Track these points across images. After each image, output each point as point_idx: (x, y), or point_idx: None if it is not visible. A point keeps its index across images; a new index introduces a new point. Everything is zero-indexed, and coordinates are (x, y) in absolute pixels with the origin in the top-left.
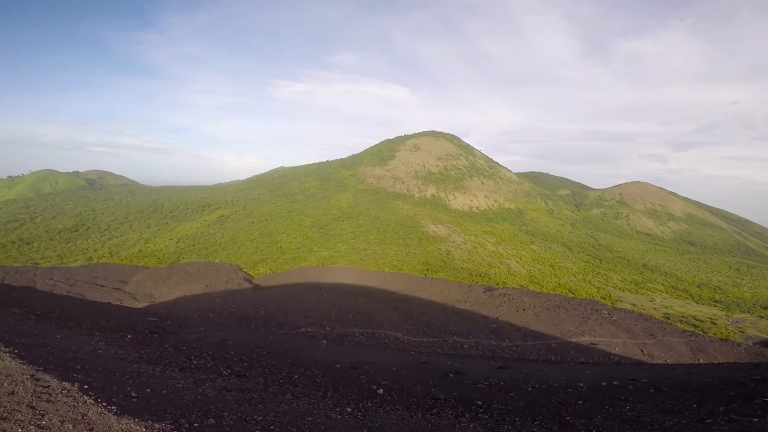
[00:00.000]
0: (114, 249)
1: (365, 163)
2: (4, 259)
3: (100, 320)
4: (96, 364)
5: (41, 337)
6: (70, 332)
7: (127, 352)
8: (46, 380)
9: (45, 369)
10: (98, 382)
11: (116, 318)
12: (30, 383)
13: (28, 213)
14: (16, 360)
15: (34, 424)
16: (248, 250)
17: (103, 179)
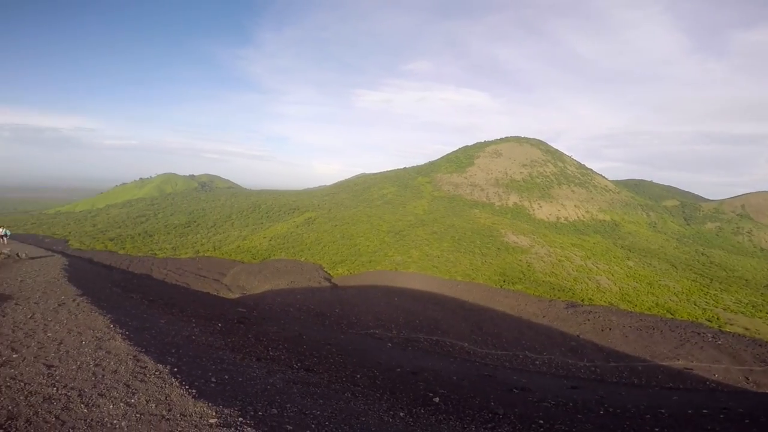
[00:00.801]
0: (217, 244)
1: (442, 170)
2: (131, 248)
3: (199, 308)
4: (188, 348)
5: (149, 321)
6: (173, 318)
7: (215, 339)
8: (144, 362)
9: (146, 351)
10: (186, 366)
11: (212, 307)
12: (131, 363)
13: (153, 210)
14: (125, 341)
15: (124, 402)
16: (330, 251)
17: (213, 182)
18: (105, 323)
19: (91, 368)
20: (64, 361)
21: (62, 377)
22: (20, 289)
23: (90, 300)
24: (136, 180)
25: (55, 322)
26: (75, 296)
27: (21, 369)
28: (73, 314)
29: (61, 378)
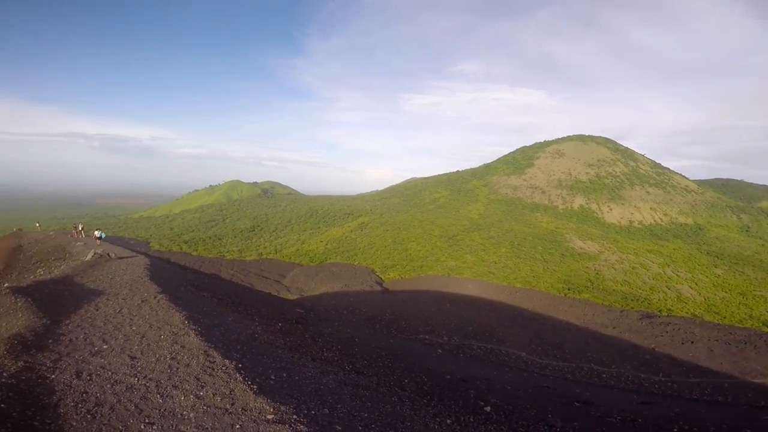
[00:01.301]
0: (278, 247)
1: (498, 173)
2: (203, 250)
3: (261, 308)
4: (251, 346)
5: (218, 319)
6: (239, 316)
7: (275, 338)
8: (213, 357)
9: (215, 347)
10: (250, 362)
11: (273, 307)
12: (202, 358)
13: (221, 215)
14: (197, 337)
15: (194, 394)
16: (382, 256)
17: (274, 189)
18: (180, 319)
19: (167, 361)
20: (145, 353)
21: (143, 368)
22: (110, 285)
23: (168, 297)
24: (206, 187)
25: (139, 317)
26: (155, 294)
27: (109, 359)
28: (153, 310)
29: (142, 369)
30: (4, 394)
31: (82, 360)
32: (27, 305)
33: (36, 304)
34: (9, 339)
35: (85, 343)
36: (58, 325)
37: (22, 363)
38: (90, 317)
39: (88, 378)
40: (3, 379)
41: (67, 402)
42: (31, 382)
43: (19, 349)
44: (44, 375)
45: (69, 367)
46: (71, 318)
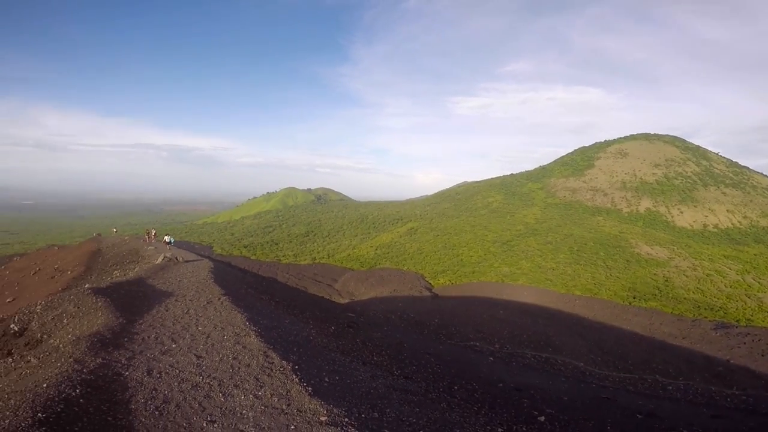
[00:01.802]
0: (331, 252)
1: (555, 175)
2: (261, 254)
3: (315, 311)
4: (307, 348)
5: (276, 321)
6: (295, 319)
7: (329, 341)
8: (272, 358)
9: (274, 348)
10: (305, 364)
11: (326, 310)
12: (261, 358)
13: (278, 221)
14: (257, 338)
15: (253, 394)
16: (431, 261)
17: (327, 195)
18: (242, 321)
19: (230, 361)
20: (209, 353)
21: (207, 367)
22: (179, 287)
23: (231, 299)
24: (264, 194)
25: (204, 317)
26: (219, 295)
27: (177, 358)
28: (218, 311)
29: (206, 368)
30: (83, 389)
31: (153, 358)
32: (106, 305)
33: (113, 304)
34: (89, 337)
35: (156, 342)
36: (132, 324)
37: (100, 360)
38: (161, 317)
39: (158, 376)
40: (83, 375)
41: (138, 398)
42: (108, 378)
43: (98, 346)
44: (119, 372)
45: (141, 364)
46: (144, 318)
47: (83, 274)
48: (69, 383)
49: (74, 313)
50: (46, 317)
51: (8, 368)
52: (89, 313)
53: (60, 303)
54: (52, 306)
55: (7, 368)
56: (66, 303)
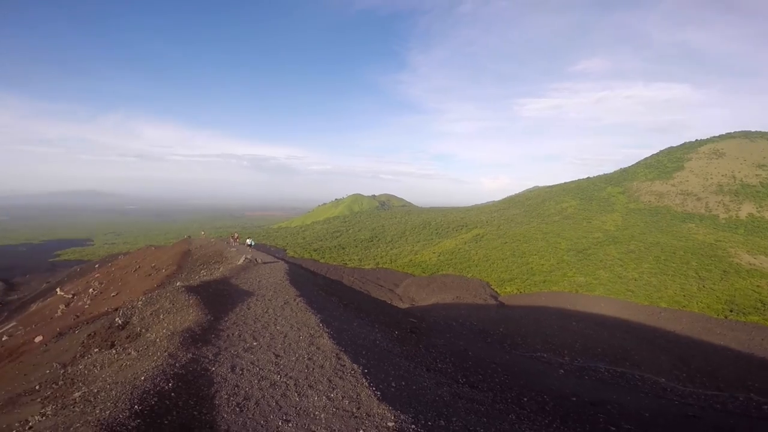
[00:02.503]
0: (393, 257)
1: (639, 178)
2: (329, 258)
3: (380, 315)
4: (374, 352)
5: (346, 323)
6: (362, 322)
7: (393, 346)
8: (344, 360)
9: (345, 351)
10: (374, 368)
11: (389, 315)
12: (334, 360)
13: (345, 227)
14: (330, 340)
15: (326, 395)
16: (498, 268)
17: (390, 201)
18: (316, 322)
19: (305, 361)
20: (287, 352)
21: (284, 366)
22: (258, 287)
23: (305, 301)
24: (332, 200)
25: (282, 317)
26: (295, 296)
27: (258, 356)
28: (294, 312)
29: (283, 367)
30: (175, 383)
31: (237, 355)
32: (196, 302)
33: (203, 301)
34: (182, 332)
35: (239, 339)
36: (218, 321)
37: (190, 355)
38: (243, 315)
39: (240, 372)
40: (175, 369)
41: (222, 394)
42: (196, 373)
43: (189, 341)
44: (206, 367)
45: (226, 360)
46: (228, 315)
47: (175, 273)
48: (163, 377)
49: (169, 309)
50: (145, 312)
51: (111, 359)
52: (182, 309)
53: (157, 299)
54: (150, 302)
55: (110, 359)
56: (163, 299)
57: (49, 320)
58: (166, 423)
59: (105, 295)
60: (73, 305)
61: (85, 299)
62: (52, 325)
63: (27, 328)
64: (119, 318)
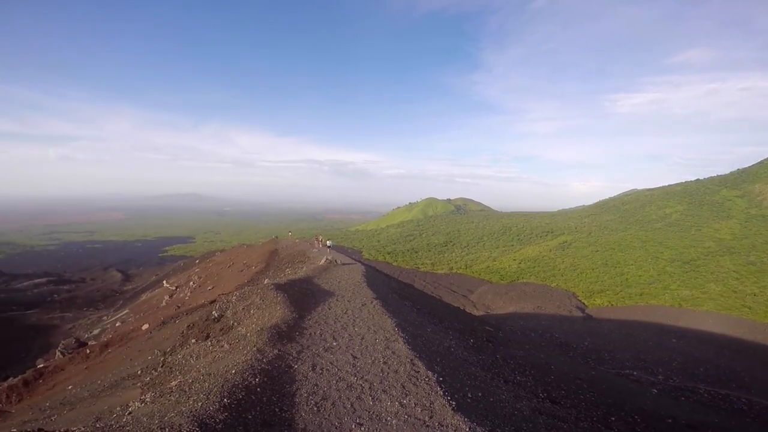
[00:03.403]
0: (469, 263)
1: (762, 179)
2: (401, 261)
3: (454, 322)
4: (449, 360)
5: (420, 328)
6: (436, 328)
7: (468, 355)
8: (418, 367)
9: (420, 357)
10: (449, 377)
11: (464, 322)
12: (408, 366)
13: (418, 230)
14: (405, 345)
15: (399, 401)
16: (587, 279)
17: (466, 205)
18: (392, 326)
19: (380, 365)
20: (363, 354)
21: (361, 369)
22: (338, 287)
23: (381, 304)
24: (406, 204)
25: (360, 319)
26: (372, 299)
27: (337, 356)
28: (371, 314)
29: (360, 369)
30: (261, 379)
31: (317, 354)
32: (283, 300)
33: (289, 299)
34: (270, 328)
35: (320, 339)
36: (302, 319)
37: (276, 351)
38: (324, 315)
39: (320, 372)
40: (262, 365)
41: (302, 392)
42: (280, 369)
43: (276, 338)
44: (290, 364)
45: (307, 359)
46: (311, 314)
47: (263, 270)
48: (251, 371)
49: (259, 305)
50: (238, 307)
51: (206, 350)
52: (270, 306)
53: (249, 295)
54: (243, 297)
55: (205, 350)
56: (254, 296)
57: (155, 310)
58: (250, 418)
59: (203, 288)
60: (175, 296)
61: (186, 291)
62: (157, 315)
63: (137, 316)
64: (215, 311)
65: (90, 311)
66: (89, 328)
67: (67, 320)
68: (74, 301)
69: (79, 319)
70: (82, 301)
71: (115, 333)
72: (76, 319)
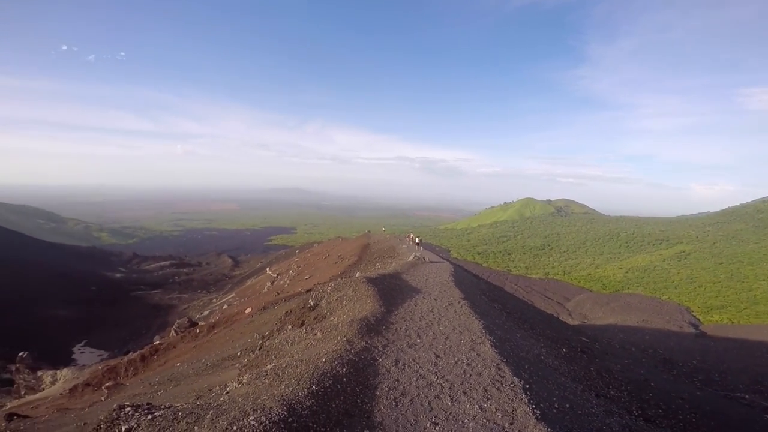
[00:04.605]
0: (567, 269)
1: None
2: (492, 263)
3: (546, 329)
4: (537, 367)
5: (509, 333)
6: (525, 333)
7: (560, 364)
8: (504, 371)
9: (506, 362)
10: (536, 384)
11: (557, 330)
12: (493, 370)
13: (513, 232)
14: (492, 348)
15: (479, 404)
16: (706, 293)
17: (568, 207)
18: (479, 327)
19: (463, 366)
20: (447, 354)
21: (442, 368)
22: (425, 285)
23: (469, 304)
24: (501, 204)
25: (445, 318)
26: (459, 299)
27: (419, 353)
28: (457, 314)
29: (441, 369)
30: (348, 369)
31: (401, 349)
32: (374, 293)
33: (379, 293)
34: (360, 320)
35: (405, 335)
36: (390, 313)
37: (364, 343)
38: (410, 311)
39: (402, 368)
40: (350, 356)
41: (383, 386)
42: (366, 362)
43: (365, 330)
44: (375, 357)
45: (392, 354)
46: (398, 309)
47: (356, 263)
48: (340, 361)
49: (351, 296)
50: (332, 297)
51: (300, 337)
52: (362, 298)
53: (343, 287)
54: (338, 288)
55: (300, 337)
56: (347, 287)
57: (258, 295)
58: (333, 407)
59: (301, 276)
60: (276, 283)
61: (285, 279)
62: (259, 300)
63: (241, 300)
64: (311, 300)
65: (203, 293)
66: (200, 309)
67: (184, 301)
68: (190, 283)
69: (193, 301)
70: (197, 283)
71: (221, 315)
72: (191, 300)
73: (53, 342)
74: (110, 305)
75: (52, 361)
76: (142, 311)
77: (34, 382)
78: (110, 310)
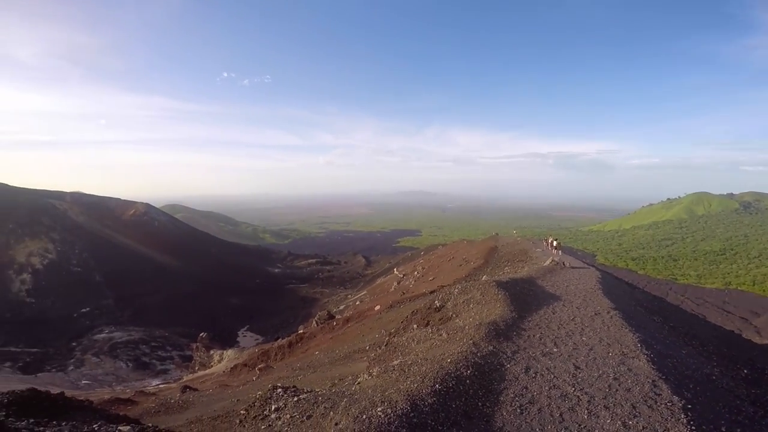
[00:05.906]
0: (758, 278)
1: None
2: (651, 270)
3: (722, 346)
4: (706, 388)
5: (671, 349)
6: (693, 350)
7: (736, 386)
8: (660, 389)
9: (665, 379)
10: (701, 406)
11: (737, 348)
12: (647, 387)
13: (680, 233)
14: (648, 363)
15: (622, 421)
16: None
17: (759, 202)
18: (633, 341)
19: (608, 380)
20: (589, 366)
21: (582, 380)
22: (565, 292)
23: (621, 315)
24: (663, 201)
25: (590, 328)
26: (609, 309)
27: (555, 363)
28: (606, 325)
29: (581, 380)
30: (472, 371)
31: (533, 357)
32: (504, 298)
33: (509, 298)
34: (488, 324)
35: (539, 343)
36: (522, 320)
37: (491, 347)
38: (547, 319)
39: (533, 376)
40: (476, 359)
41: (509, 393)
42: (492, 366)
43: (493, 334)
44: (502, 363)
45: (522, 360)
46: (532, 316)
47: (481, 266)
48: (464, 363)
49: (479, 300)
50: (458, 300)
51: (426, 337)
52: (490, 302)
53: (470, 290)
54: (464, 291)
55: (425, 336)
56: (474, 290)
57: (386, 293)
58: (453, 407)
59: (425, 278)
60: (402, 283)
61: (411, 279)
62: (387, 298)
63: (372, 297)
64: (437, 301)
65: (341, 289)
66: (338, 304)
67: (325, 295)
68: (331, 280)
69: (333, 296)
70: (336, 280)
71: (355, 310)
72: (331, 295)
73: (225, 325)
74: (269, 296)
75: (222, 342)
76: (292, 302)
77: (206, 359)
78: (268, 300)
